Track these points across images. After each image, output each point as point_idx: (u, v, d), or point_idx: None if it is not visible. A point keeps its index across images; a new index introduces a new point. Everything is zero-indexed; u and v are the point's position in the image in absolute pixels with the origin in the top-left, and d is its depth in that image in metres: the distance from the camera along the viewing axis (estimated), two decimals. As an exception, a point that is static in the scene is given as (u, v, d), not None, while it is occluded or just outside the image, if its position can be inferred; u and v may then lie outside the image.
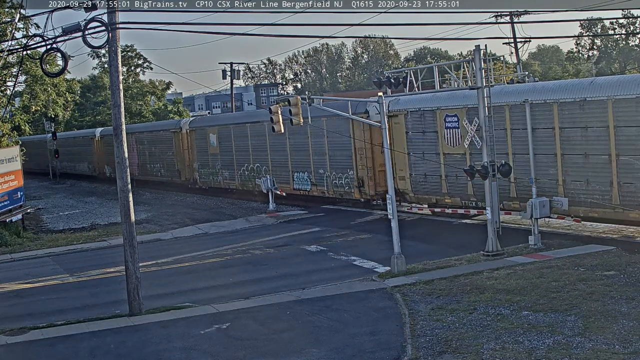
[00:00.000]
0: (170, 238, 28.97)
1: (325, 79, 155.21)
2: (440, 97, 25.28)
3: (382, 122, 19.92)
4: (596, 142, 20.98)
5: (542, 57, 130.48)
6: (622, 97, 20.15)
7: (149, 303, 17.52)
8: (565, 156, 21.84)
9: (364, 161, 30.54)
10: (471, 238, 22.87)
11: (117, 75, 17.06)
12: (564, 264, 18.15)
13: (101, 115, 74.70)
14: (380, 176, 29.72)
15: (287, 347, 13.72)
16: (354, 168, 30.97)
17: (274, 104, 32.61)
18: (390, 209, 19.38)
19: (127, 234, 17.25)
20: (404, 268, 18.99)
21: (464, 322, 14.11)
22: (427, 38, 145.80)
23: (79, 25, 15.95)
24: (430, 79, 22.62)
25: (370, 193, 30.71)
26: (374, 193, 30.65)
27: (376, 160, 29.98)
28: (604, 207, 20.84)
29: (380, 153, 28.31)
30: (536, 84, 24.94)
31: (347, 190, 31.65)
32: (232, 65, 60.03)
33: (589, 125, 21.04)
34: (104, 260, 24.85)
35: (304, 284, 18.96)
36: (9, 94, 35.69)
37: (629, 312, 13.73)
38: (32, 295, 20.50)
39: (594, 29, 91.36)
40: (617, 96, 20.25)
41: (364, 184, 30.69)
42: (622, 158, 20.24)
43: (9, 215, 31.34)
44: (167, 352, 14.01)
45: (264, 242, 26.00)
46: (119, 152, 17.25)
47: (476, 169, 20.50)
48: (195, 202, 40.54)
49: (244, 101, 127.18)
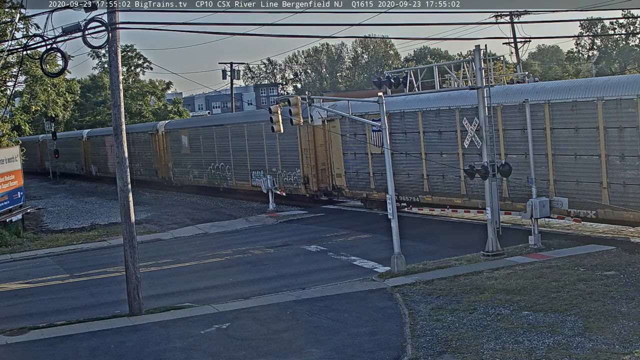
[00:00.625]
0: (170, 238, 28.97)
1: (325, 79, 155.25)
2: (368, 104, 26.18)
3: (382, 122, 19.90)
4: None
5: (542, 57, 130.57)
6: (559, 102, 21.54)
7: (149, 303, 17.53)
8: (551, 156, 22.13)
9: (309, 160, 33.91)
10: (471, 238, 22.87)
11: (117, 75, 17.06)
12: (564, 264, 18.16)
13: (101, 115, 74.70)
14: (323, 174, 34.07)
15: (287, 347, 13.72)
16: (301, 167, 34.28)
17: (274, 104, 33.02)
18: (390, 209, 19.37)
19: (127, 234, 17.25)
20: (404, 268, 18.99)
21: (464, 322, 14.11)
22: (427, 38, 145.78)
23: (79, 25, 15.96)
24: (430, 79, 22.62)
25: (314, 189, 34.22)
26: (317, 189, 34.24)
27: (319, 159, 33.94)
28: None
29: (323, 153, 33.53)
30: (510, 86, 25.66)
31: (295, 186, 34.92)
32: (232, 65, 60.07)
33: (579, 127, 21.34)
34: (104, 260, 24.86)
35: (304, 284, 18.97)
36: (9, 94, 35.68)
37: (629, 312, 13.73)
38: (32, 295, 20.50)
39: (594, 29, 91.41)
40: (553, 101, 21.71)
41: (309, 181, 34.15)
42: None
43: (9, 215, 31.34)
44: (167, 352, 14.01)
45: (264, 242, 26.00)
46: (119, 152, 17.25)
47: (476, 169, 20.48)
48: (195, 202, 40.57)
49: (244, 101, 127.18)
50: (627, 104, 19.89)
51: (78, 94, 64.28)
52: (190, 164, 43.80)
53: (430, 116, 26.63)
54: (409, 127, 27.59)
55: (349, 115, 22.78)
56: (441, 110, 26.08)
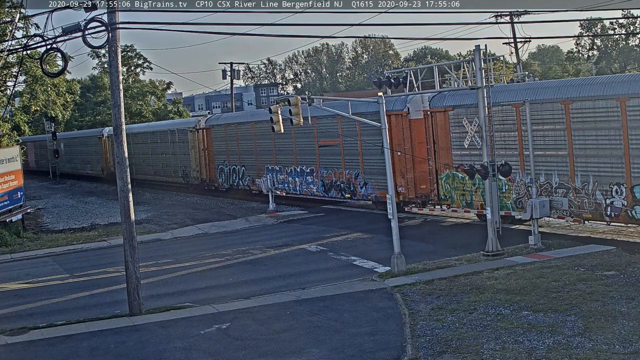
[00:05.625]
0: (170, 238, 28.97)
1: (325, 79, 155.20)
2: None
3: (382, 122, 19.90)
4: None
5: (542, 57, 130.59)
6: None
7: (149, 303, 17.53)
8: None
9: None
10: (471, 238, 22.88)
11: (117, 75, 17.05)
12: (564, 264, 18.16)
13: (101, 115, 74.65)
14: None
15: (287, 347, 13.71)
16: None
17: (274, 104, 32.94)
18: (390, 209, 19.37)
19: (127, 234, 17.25)
20: (404, 268, 18.99)
21: (464, 322, 14.11)
22: (427, 38, 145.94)
23: (79, 25, 15.95)
24: (430, 79, 22.64)
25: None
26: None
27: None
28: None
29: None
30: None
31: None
32: (232, 65, 60.03)
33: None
34: (104, 260, 24.85)
35: (304, 284, 18.96)
36: (9, 94, 35.67)
37: (629, 312, 13.73)
38: (32, 295, 20.49)
39: (594, 29, 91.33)
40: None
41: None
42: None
43: (9, 215, 31.34)
44: (167, 352, 14.00)
45: (264, 242, 25.99)
46: (119, 152, 17.24)
47: (476, 169, 20.49)
48: (195, 202, 40.57)
49: (244, 101, 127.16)
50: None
51: (78, 94, 64.22)
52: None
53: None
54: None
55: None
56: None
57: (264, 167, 36.88)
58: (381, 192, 28.56)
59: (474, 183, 24.54)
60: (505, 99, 23.39)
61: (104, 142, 56.10)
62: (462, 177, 24.94)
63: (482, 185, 23.21)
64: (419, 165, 27.33)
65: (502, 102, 23.34)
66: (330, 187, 32.37)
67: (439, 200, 26.96)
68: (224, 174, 40.81)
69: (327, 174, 32.41)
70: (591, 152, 20.95)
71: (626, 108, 19.81)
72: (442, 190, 26.72)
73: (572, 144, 21.43)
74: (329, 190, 32.48)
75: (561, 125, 21.62)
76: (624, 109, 19.84)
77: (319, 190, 33.04)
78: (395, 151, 26.43)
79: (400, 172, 27.90)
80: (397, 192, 27.38)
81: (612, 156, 20.40)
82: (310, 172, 33.45)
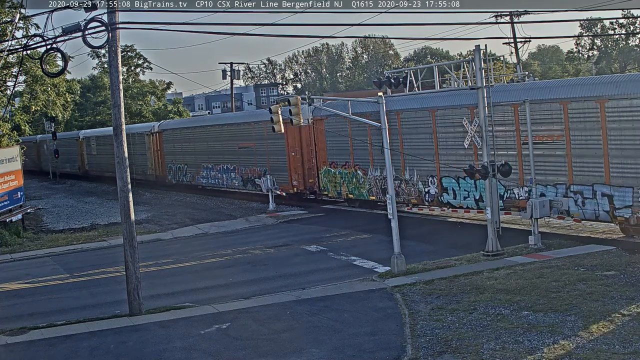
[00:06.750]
0: (170, 238, 28.97)
1: (325, 79, 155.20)
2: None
3: (382, 122, 19.90)
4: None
5: (542, 57, 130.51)
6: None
7: (149, 303, 17.53)
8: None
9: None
10: (471, 238, 22.88)
11: (117, 75, 17.05)
12: (564, 264, 18.16)
13: (101, 115, 74.65)
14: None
15: (287, 347, 13.71)
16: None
17: (274, 103, 33.40)
18: (390, 209, 19.37)
19: (127, 234, 17.25)
20: (404, 268, 18.98)
21: (464, 322, 14.11)
22: (427, 38, 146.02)
23: (79, 25, 15.95)
24: (430, 79, 22.63)
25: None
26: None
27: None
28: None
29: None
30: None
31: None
32: (232, 65, 60.07)
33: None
34: (104, 260, 24.85)
35: (304, 284, 18.96)
36: (9, 94, 35.65)
37: (629, 312, 13.72)
38: (32, 295, 20.50)
39: (594, 29, 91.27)
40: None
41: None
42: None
43: (9, 215, 31.33)
44: (167, 352, 14.01)
45: (264, 242, 26.00)
46: (119, 152, 17.24)
47: (476, 169, 20.49)
48: (195, 202, 40.59)
49: (244, 101, 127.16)
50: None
51: (78, 94, 64.29)
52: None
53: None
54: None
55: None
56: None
57: (201, 166, 43.18)
58: (282, 185, 34.93)
59: (341, 176, 31.78)
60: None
61: (81, 144, 63.44)
62: (334, 172, 32.45)
63: (347, 178, 31.47)
64: (308, 163, 34.34)
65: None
66: (247, 182, 38.53)
67: (320, 191, 33.83)
68: (172, 171, 47.01)
69: (244, 171, 38.76)
70: (418, 152, 26.91)
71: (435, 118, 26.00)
72: (321, 183, 33.61)
73: (402, 145, 27.38)
74: (247, 184, 38.65)
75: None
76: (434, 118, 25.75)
77: (239, 184, 39.48)
78: (291, 153, 34.20)
79: (294, 169, 34.64)
80: (293, 185, 34.77)
81: (427, 155, 26.44)
82: (234, 170, 39.88)
